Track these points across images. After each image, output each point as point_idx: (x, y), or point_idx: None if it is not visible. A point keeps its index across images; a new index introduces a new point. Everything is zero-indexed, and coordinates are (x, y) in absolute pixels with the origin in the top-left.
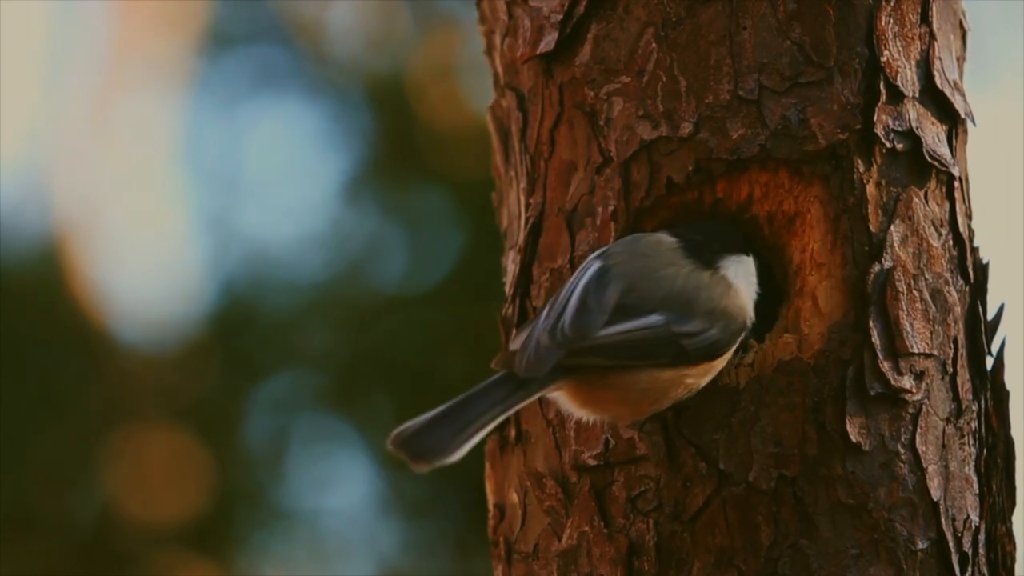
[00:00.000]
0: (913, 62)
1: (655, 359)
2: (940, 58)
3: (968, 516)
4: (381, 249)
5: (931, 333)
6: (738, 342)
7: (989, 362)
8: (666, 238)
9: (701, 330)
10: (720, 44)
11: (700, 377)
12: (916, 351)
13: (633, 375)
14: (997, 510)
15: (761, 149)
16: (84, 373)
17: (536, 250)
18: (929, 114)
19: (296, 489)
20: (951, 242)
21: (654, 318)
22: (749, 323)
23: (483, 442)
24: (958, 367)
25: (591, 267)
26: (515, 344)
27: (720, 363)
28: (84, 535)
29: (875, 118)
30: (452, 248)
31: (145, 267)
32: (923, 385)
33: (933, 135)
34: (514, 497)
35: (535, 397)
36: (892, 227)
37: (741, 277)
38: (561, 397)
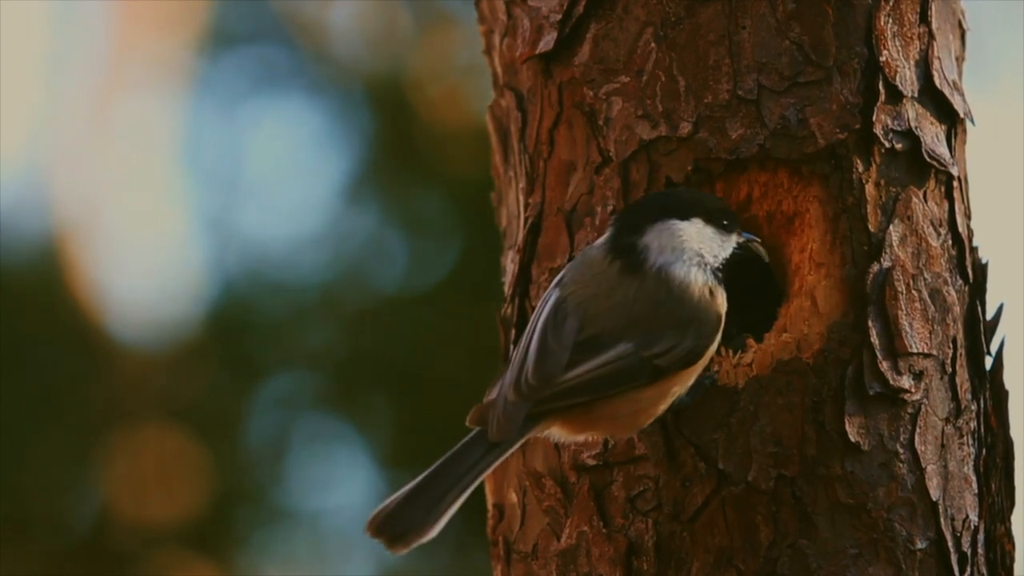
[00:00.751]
0: (912, 62)
1: (632, 383)
2: (939, 58)
3: (967, 516)
4: (381, 249)
5: (930, 333)
6: (719, 333)
7: (988, 362)
8: (598, 250)
9: (673, 345)
10: (719, 44)
11: (685, 382)
12: (915, 351)
13: (615, 402)
14: (996, 510)
15: (760, 149)
16: (83, 373)
17: (535, 250)
18: (928, 114)
19: (296, 489)
20: (950, 242)
21: (622, 347)
22: (723, 308)
23: None
24: (957, 367)
25: (550, 299)
26: (490, 395)
27: (704, 361)
28: (83, 535)
29: (874, 118)
30: (452, 248)
31: (145, 267)
32: (922, 385)
33: (932, 135)
34: (513, 497)
35: (510, 453)
36: (891, 227)
37: (687, 258)
38: (553, 432)
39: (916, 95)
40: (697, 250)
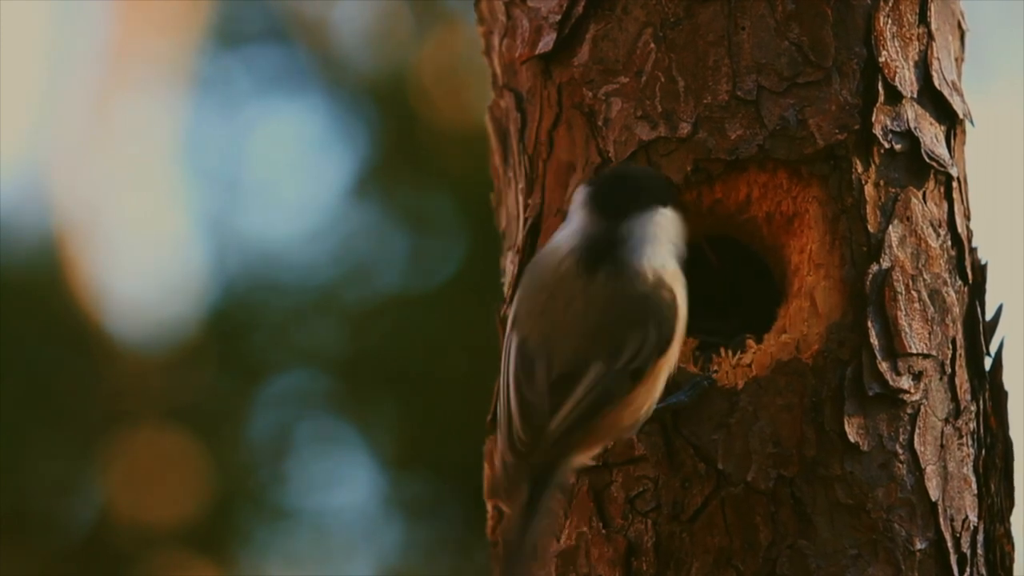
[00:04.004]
0: (911, 62)
1: (619, 395)
2: (938, 58)
3: (967, 516)
4: (383, 249)
5: (929, 333)
6: (684, 306)
7: (988, 362)
8: (562, 252)
9: (639, 346)
10: (718, 44)
11: (671, 361)
12: (914, 351)
13: (611, 414)
14: (995, 510)
15: (759, 149)
16: (83, 373)
17: (535, 251)
18: (927, 114)
19: (298, 489)
20: (949, 242)
21: (593, 371)
22: (677, 281)
23: (482, 441)
24: (956, 367)
25: (512, 344)
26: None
27: (680, 336)
28: (83, 535)
29: (873, 118)
30: (455, 248)
31: (145, 267)
32: (921, 385)
33: (931, 135)
34: None
35: (551, 502)
36: (890, 227)
37: (647, 246)
38: (576, 460)
39: (915, 96)
40: (669, 241)
